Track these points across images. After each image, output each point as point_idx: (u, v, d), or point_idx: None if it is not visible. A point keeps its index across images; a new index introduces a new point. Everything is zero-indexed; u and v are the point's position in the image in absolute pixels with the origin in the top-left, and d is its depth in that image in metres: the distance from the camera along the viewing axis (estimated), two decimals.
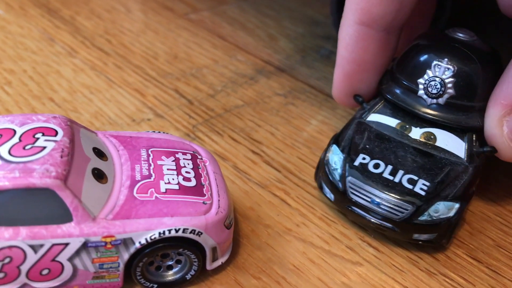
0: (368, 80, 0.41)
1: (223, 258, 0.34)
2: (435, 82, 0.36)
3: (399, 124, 0.38)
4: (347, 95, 0.42)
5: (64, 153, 0.31)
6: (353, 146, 0.38)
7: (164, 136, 0.37)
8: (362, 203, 0.36)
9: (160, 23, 0.62)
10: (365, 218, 0.36)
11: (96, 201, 0.31)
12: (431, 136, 0.37)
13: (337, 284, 0.35)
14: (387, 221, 0.35)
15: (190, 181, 0.34)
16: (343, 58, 0.40)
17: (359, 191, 0.36)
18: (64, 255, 0.30)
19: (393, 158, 0.36)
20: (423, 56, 0.38)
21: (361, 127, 0.39)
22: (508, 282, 0.36)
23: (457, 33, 0.39)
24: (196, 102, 0.50)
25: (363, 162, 0.36)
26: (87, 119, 0.46)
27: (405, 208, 0.35)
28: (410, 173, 0.36)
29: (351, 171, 0.36)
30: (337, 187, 0.37)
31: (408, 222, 0.35)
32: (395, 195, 0.35)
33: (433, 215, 0.35)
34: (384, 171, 0.36)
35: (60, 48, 0.55)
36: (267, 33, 0.62)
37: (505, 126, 0.35)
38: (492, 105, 0.36)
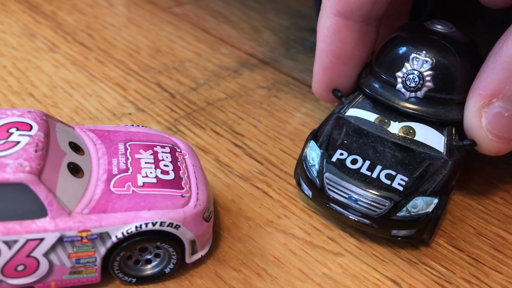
0: (348, 73, 0.40)
1: (202, 251, 0.34)
2: (413, 75, 0.36)
3: (377, 118, 0.38)
4: (327, 89, 0.41)
5: (39, 147, 0.30)
6: (331, 141, 0.37)
7: (143, 130, 0.37)
8: (340, 199, 0.35)
9: (143, 17, 0.61)
10: (343, 215, 0.35)
11: (72, 196, 0.30)
12: (410, 130, 0.37)
13: (318, 275, 0.35)
14: (365, 218, 0.35)
15: (168, 174, 0.33)
16: (322, 51, 0.39)
17: (336, 188, 0.35)
18: (40, 251, 0.30)
19: (371, 153, 0.36)
20: (401, 49, 0.37)
21: (339, 122, 0.38)
22: (488, 269, 0.36)
23: (435, 25, 0.38)
24: (178, 95, 0.49)
25: (340, 158, 0.36)
26: (68, 114, 0.46)
27: (383, 204, 0.34)
28: (388, 168, 0.35)
29: (328, 167, 0.36)
30: (314, 184, 0.36)
31: (386, 218, 0.34)
32: (373, 190, 0.34)
33: (411, 210, 0.34)
34: (362, 166, 0.35)
35: (41, 44, 0.55)
36: (251, 25, 0.62)
37: (484, 117, 0.35)
38: (471, 96, 0.35)
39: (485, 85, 0.34)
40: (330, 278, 0.34)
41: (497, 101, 0.34)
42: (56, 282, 0.31)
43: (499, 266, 0.36)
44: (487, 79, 0.34)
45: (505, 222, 0.39)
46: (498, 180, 0.43)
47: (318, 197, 0.36)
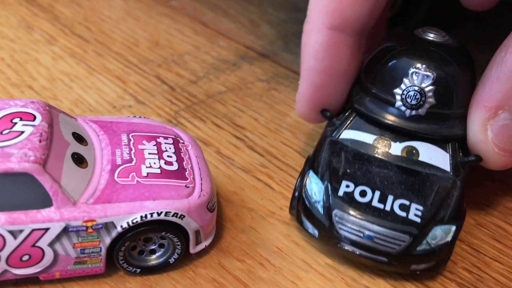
0: (340, 92, 0.37)
1: (206, 242, 0.34)
2: (415, 92, 0.33)
3: (376, 140, 0.35)
4: (316, 110, 0.37)
5: (43, 137, 0.30)
6: (333, 172, 0.34)
7: (145, 121, 0.37)
8: (353, 238, 0.32)
9: (141, 10, 0.61)
10: (357, 255, 0.32)
11: (76, 186, 0.30)
12: (412, 150, 0.34)
13: (321, 265, 0.35)
14: (383, 255, 0.32)
15: (172, 165, 0.33)
16: (312, 69, 0.35)
17: (348, 226, 0.32)
18: (45, 241, 0.29)
19: (379, 182, 0.33)
20: (397, 63, 0.34)
21: (335, 148, 0.35)
22: (489, 260, 0.36)
23: (427, 33, 0.36)
24: (178, 88, 0.49)
25: (347, 191, 0.33)
26: (67, 107, 0.46)
27: (402, 240, 0.32)
28: (400, 197, 0.32)
29: (336, 202, 0.32)
30: (322, 223, 0.33)
31: (405, 254, 0.32)
32: (389, 226, 0.31)
33: (431, 242, 0.32)
34: (373, 198, 0.32)
35: (38, 36, 0.54)
36: (249, 19, 0.61)
37: (489, 130, 0.33)
38: (475, 109, 0.33)
39: (490, 97, 0.32)
40: (333, 268, 0.35)
41: (503, 112, 0.32)
42: (60, 272, 0.31)
43: (499, 256, 0.37)
44: (491, 90, 0.32)
45: (505, 214, 0.40)
46: (499, 173, 0.43)
47: (327, 237, 0.33)
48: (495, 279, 0.35)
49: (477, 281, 0.35)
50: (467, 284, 0.35)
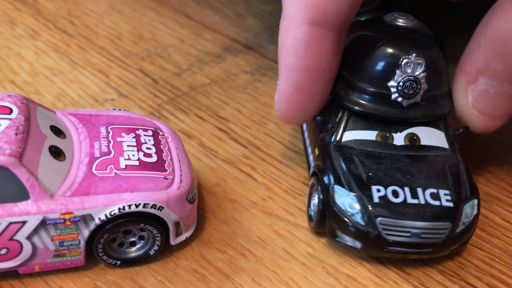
0: (322, 90, 0.36)
1: (187, 233, 0.34)
2: (410, 81, 0.34)
3: (378, 135, 0.35)
4: (298, 111, 0.36)
5: (19, 130, 0.30)
6: (357, 179, 0.33)
7: (125, 114, 0.37)
8: (402, 240, 0.32)
9: (125, 4, 0.61)
10: (405, 253, 0.33)
11: (54, 179, 0.30)
12: (413, 137, 0.35)
13: (302, 255, 0.35)
14: (429, 247, 0.33)
15: (151, 157, 0.33)
16: (293, 67, 0.34)
17: (394, 229, 0.32)
18: (22, 234, 0.29)
19: (402, 177, 0.33)
20: (386, 56, 0.34)
21: (344, 153, 0.35)
22: (470, 247, 0.36)
23: (398, 19, 0.36)
24: (161, 81, 0.49)
25: (381, 195, 0.32)
26: (50, 101, 0.45)
27: (445, 228, 0.33)
28: (427, 187, 0.33)
29: (376, 210, 0.32)
30: (366, 233, 0.32)
31: (448, 240, 0.33)
32: (431, 218, 0.32)
33: (465, 221, 0.33)
34: (406, 196, 0.33)
35: (21, 31, 0.54)
36: (234, 11, 0.61)
37: (470, 95, 0.35)
38: (458, 75, 0.35)
39: (471, 62, 0.34)
40: (314, 257, 0.35)
41: (483, 77, 0.34)
42: (40, 265, 0.31)
43: (481, 243, 0.37)
44: (473, 56, 0.34)
45: (487, 202, 0.40)
46: (481, 161, 0.43)
47: (374, 246, 0.33)
48: (477, 266, 0.35)
49: (459, 268, 0.35)
50: (449, 271, 0.35)
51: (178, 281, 0.33)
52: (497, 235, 0.37)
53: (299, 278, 0.33)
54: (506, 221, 0.38)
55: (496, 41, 0.32)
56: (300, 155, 0.42)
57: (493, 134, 0.46)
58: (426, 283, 0.34)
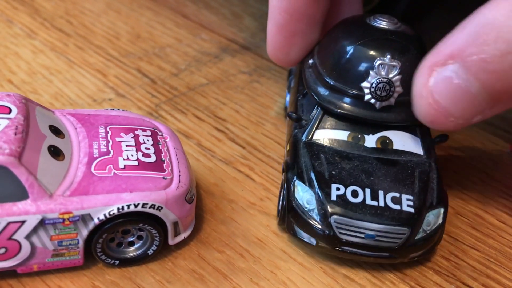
0: (302, 31, 0.38)
1: (185, 233, 0.34)
2: (383, 84, 0.33)
3: (349, 135, 0.35)
4: (282, 49, 0.39)
5: (18, 130, 0.30)
6: (318, 176, 0.33)
7: (123, 114, 0.37)
8: (355, 240, 0.32)
9: (122, 3, 0.61)
10: (359, 255, 0.33)
11: (53, 178, 0.30)
12: (386, 140, 0.35)
13: (300, 255, 0.35)
14: (384, 251, 0.32)
15: (150, 157, 0.33)
16: (275, 7, 0.38)
17: (348, 229, 0.32)
18: (21, 233, 0.29)
19: (365, 178, 0.33)
20: (360, 56, 0.34)
21: (313, 150, 0.35)
22: (466, 247, 0.37)
23: (380, 21, 0.36)
24: (159, 81, 0.49)
25: (339, 194, 0.32)
26: (47, 100, 0.45)
27: (402, 233, 0.32)
28: (390, 190, 0.33)
29: (331, 208, 0.32)
30: (320, 231, 0.32)
31: (406, 246, 0.32)
32: (388, 221, 0.32)
33: (426, 229, 0.33)
34: (365, 197, 0.32)
35: (18, 30, 0.54)
36: (231, 11, 0.61)
37: (433, 77, 0.31)
38: (430, 52, 0.32)
39: (448, 43, 0.31)
40: (312, 257, 0.35)
41: (452, 64, 0.30)
42: (38, 265, 0.31)
43: (476, 244, 0.37)
44: (452, 37, 0.31)
45: (483, 202, 0.40)
46: (477, 162, 0.44)
47: (327, 243, 0.33)
48: (473, 266, 0.36)
49: (455, 268, 0.35)
50: (445, 272, 0.35)
51: (176, 281, 0.33)
52: (493, 236, 0.38)
53: (296, 278, 0.34)
54: (501, 222, 0.39)
55: (481, 28, 0.29)
56: None
57: (488, 135, 0.47)
58: (422, 283, 0.34)
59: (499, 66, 0.29)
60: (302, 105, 0.39)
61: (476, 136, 0.46)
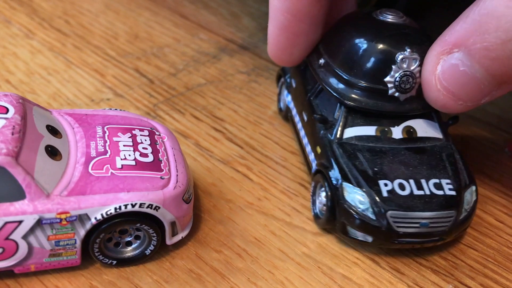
0: (305, 31, 0.38)
1: (183, 233, 0.34)
2: (407, 76, 0.35)
3: (377, 129, 0.36)
4: (284, 51, 0.39)
5: (15, 130, 0.30)
6: (363, 175, 0.34)
7: (121, 113, 0.37)
8: (412, 231, 0.33)
9: (120, 3, 0.61)
10: (414, 243, 0.34)
11: (50, 178, 0.30)
12: (410, 129, 0.36)
13: (298, 255, 0.35)
14: (436, 236, 0.34)
15: (147, 156, 0.33)
16: (277, 9, 0.37)
17: (404, 221, 0.33)
18: (18, 233, 0.29)
19: (406, 170, 0.34)
20: (382, 53, 0.35)
21: (348, 150, 0.35)
22: (464, 247, 0.37)
23: (386, 15, 0.36)
24: (157, 81, 0.49)
25: (389, 189, 0.33)
26: (45, 100, 0.45)
27: (450, 216, 0.34)
28: (430, 178, 0.34)
29: (385, 204, 0.33)
30: (377, 227, 0.33)
31: (454, 227, 0.34)
32: (437, 207, 0.33)
33: (467, 208, 0.35)
34: (412, 188, 0.33)
35: (16, 30, 0.54)
36: (230, 11, 0.61)
37: (440, 65, 0.33)
38: (436, 41, 0.34)
39: (452, 32, 0.33)
40: (309, 257, 0.35)
41: (458, 52, 0.32)
42: (35, 265, 0.31)
43: (474, 243, 0.37)
44: (456, 26, 0.32)
45: (480, 202, 0.40)
46: (475, 162, 0.44)
47: (385, 238, 0.34)
48: (470, 266, 0.36)
49: (453, 268, 0.35)
50: (443, 271, 0.35)
51: (174, 281, 0.33)
52: (491, 235, 0.38)
53: (294, 278, 0.34)
54: (499, 221, 0.39)
55: (483, 17, 0.31)
56: (296, 155, 0.43)
57: (486, 135, 0.47)
58: (420, 283, 0.34)
59: (501, 53, 0.31)
60: (317, 105, 0.39)
61: (474, 136, 0.46)
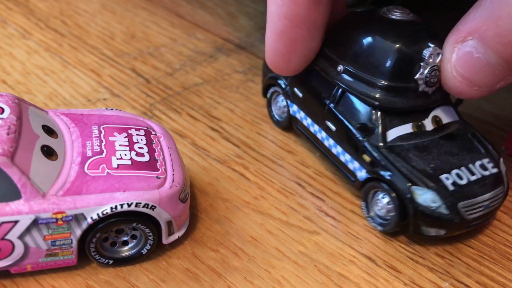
0: (303, 38, 0.37)
1: (179, 232, 0.34)
2: (435, 71, 0.35)
3: (413, 125, 0.37)
4: (283, 57, 0.38)
5: (11, 130, 0.30)
6: (425, 174, 0.35)
7: (117, 113, 0.37)
8: (479, 215, 0.35)
9: (117, 3, 0.61)
10: (477, 225, 0.36)
11: (46, 178, 0.30)
12: (437, 119, 0.37)
13: (294, 253, 0.35)
14: (493, 212, 0.36)
15: (143, 156, 0.33)
16: (274, 14, 0.36)
17: (473, 208, 0.35)
18: (14, 233, 0.29)
19: (454, 160, 0.36)
20: (408, 53, 0.35)
21: (398, 152, 0.36)
22: (461, 245, 0.37)
23: (394, 13, 0.37)
24: (153, 81, 0.49)
25: (452, 182, 0.35)
26: (42, 101, 0.45)
27: (501, 192, 0.36)
28: (473, 161, 0.36)
29: (454, 197, 0.34)
30: (451, 221, 0.34)
31: (503, 200, 0.37)
32: (492, 187, 0.35)
33: (506, 181, 0.37)
34: (468, 176, 0.35)
35: (13, 30, 0.54)
36: (226, 11, 0.61)
37: (455, 53, 0.34)
38: (452, 30, 0.35)
39: (466, 21, 0.34)
40: (306, 256, 0.35)
41: (471, 40, 0.33)
42: (32, 265, 0.31)
43: (470, 241, 0.37)
44: (469, 16, 0.34)
45: None
46: None
47: (458, 229, 0.36)
48: (467, 263, 0.36)
49: (449, 266, 0.35)
50: (439, 269, 0.35)
51: (170, 280, 0.33)
52: (487, 233, 0.38)
53: (291, 276, 0.34)
54: (496, 219, 0.39)
55: (495, 5, 0.32)
56: (292, 154, 0.43)
57: (483, 133, 0.47)
58: (416, 281, 0.34)
59: None
60: (342, 113, 0.38)
61: None
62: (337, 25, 0.39)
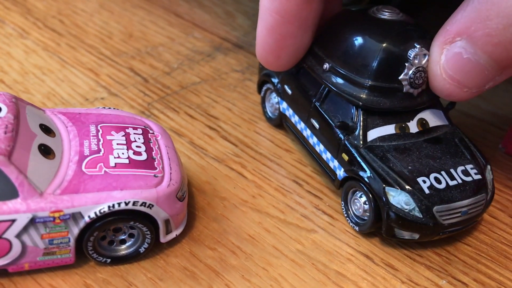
0: (293, 34, 0.37)
1: (177, 231, 0.34)
2: (420, 72, 0.35)
3: (396, 127, 0.36)
4: (273, 53, 0.38)
5: (8, 129, 0.30)
6: (401, 176, 0.34)
7: (114, 112, 0.37)
8: (455, 221, 0.34)
9: (115, 3, 0.61)
10: (455, 232, 0.35)
11: (43, 177, 0.30)
12: (423, 121, 0.37)
13: (291, 251, 0.35)
14: (474, 219, 0.36)
15: (141, 155, 0.33)
16: (265, 9, 0.36)
17: (448, 214, 0.34)
18: (12, 232, 0.29)
19: (433, 163, 0.35)
20: (393, 52, 0.35)
21: (377, 153, 0.35)
22: (458, 243, 0.37)
23: (384, 12, 0.36)
24: (151, 80, 0.49)
25: (429, 186, 0.34)
26: (39, 100, 0.45)
27: (483, 199, 0.35)
28: (456, 166, 0.35)
29: (430, 201, 0.34)
30: (425, 224, 0.34)
31: (486, 208, 0.36)
32: (472, 194, 0.34)
33: (490, 187, 0.36)
34: (447, 180, 0.34)
35: (10, 30, 0.54)
36: (224, 10, 0.61)
37: (444, 55, 0.34)
38: (439, 31, 0.34)
39: (454, 22, 0.33)
40: (303, 254, 0.35)
41: (460, 40, 0.33)
42: (29, 263, 0.31)
43: (468, 239, 0.37)
44: (457, 16, 0.33)
45: None
46: None
47: (432, 233, 0.35)
48: (464, 261, 0.36)
49: (446, 263, 0.35)
50: (436, 267, 0.35)
51: (168, 279, 0.33)
52: (484, 231, 0.38)
53: (288, 274, 0.34)
54: (493, 217, 0.39)
55: (482, 5, 0.31)
56: (290, 153, 0.43)
57: (481, 132, 0.47)
58: (414, 278, 0.34)
59: (503, 38, 0.31)
60: (327, 111, 0.38)
61: (469, 133, 0.46)
62: (326, 23, 0.39)
